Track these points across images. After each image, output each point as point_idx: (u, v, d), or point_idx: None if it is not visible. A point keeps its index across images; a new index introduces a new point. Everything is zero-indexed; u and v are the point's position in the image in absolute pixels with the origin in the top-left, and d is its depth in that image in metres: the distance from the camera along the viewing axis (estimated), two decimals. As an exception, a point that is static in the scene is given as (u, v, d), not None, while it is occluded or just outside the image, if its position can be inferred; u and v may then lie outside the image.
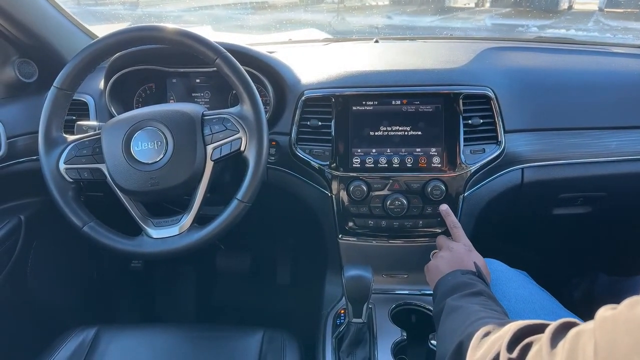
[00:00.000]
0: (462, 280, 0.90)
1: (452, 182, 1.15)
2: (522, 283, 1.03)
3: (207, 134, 1.00)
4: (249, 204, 0.99)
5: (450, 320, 0.79)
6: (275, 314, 1.52)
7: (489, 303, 0.81)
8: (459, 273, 0.94)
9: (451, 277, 0.93)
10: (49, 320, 1.49)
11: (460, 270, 0.95)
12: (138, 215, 1.02)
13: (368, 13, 4.86)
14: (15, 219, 1.33)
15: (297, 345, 1.11)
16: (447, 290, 0.89)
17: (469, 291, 0.85)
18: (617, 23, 4.82)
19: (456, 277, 0.92)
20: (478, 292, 0.84)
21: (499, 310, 0.79)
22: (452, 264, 0.98)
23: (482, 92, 1.16)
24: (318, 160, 1.19)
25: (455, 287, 0.88)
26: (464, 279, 0.90)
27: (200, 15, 4.29)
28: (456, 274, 0.93)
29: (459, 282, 0.90)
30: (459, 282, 0.90)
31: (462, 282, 0.89)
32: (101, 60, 1.04)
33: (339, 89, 1.18)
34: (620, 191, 1.31)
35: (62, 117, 1.03)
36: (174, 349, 1.10)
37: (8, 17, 1.20)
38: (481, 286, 0.87)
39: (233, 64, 1.00)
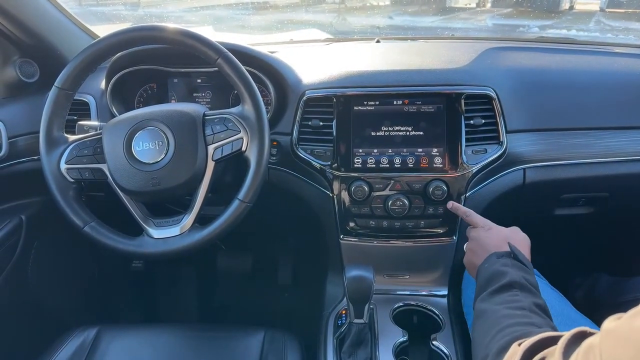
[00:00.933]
0: (494, 270, 0.85)
1: (454, 183, 1.15)
2: None
3: (208, 134, 1.00)
4: (250, 204, 0.99)
5: (477, 330, 0.77)
6: (276, 315, 1.52)
7: (517, 297, 0.77)
8: (494, 257, 0.89)
9: (487, 264, 0.89)
10: (50, 320, 1.49)
11: (496, 254, 0.90)
12: (139, 215, 1.02)
13: (369, 13, 4.86)
14: (16, 218, 1.33)
15: (298, 346, 1.11)
16: (481, 285, 0.86)
17: (498, 285, 0.81)
18: (618, 23, 4.81)
19: (491, 263, 0.88)
20: (508, 285, 0.80)
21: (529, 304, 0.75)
22: (482, 252, 0.93)
23: (483, 92, 1.16)
24: (319, 160, 1.19)
25: (488, 280, 0.84)
26: (496, 268, 0.85)
27: (201, 16, 4.29)
28: (491, 259, 0.89)
29: (491, 273, 0.85)
30: (491, 273, 0.85)
31: (494, 273, 0.85)
32: (102, 60, 1.04)
33: (341, 89, 1.18)
34: (623, 191, 1.31)
35: (63, 117, 1.03)
36: (175, 349, 1.10)
37: (9, 17, 1.20)
38: (513, 274, 0.82)
39: (234, 63, 1.00)
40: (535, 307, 0.74)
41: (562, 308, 0.98)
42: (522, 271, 0.84)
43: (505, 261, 0.86)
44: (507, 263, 0.86)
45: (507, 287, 0.79)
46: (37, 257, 1.43)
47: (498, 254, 0.90)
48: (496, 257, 0.89)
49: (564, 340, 0.50)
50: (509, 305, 0.75)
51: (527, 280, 0.81)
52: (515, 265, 0.85)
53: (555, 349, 0.50)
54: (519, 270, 0.84)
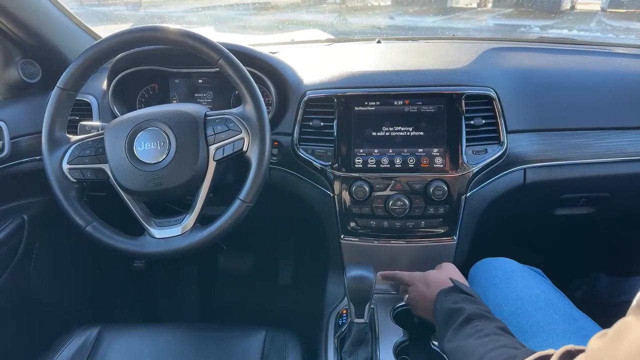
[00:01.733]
0: (447, 309, 0.90)
1: (455, 183, 1.15)
2: (534, 281, 1.03)
3: (209, 134, 1.00)
4: (252, 204, 0.99)
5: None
6: (277, 314, 1.52)
7: (479, 327, 0.81)
8: (442, 295, 0.95)
9: (439, 304, 0.94)
10: (51, 320, 1.49)
11: (442, 291, 0.96)
12: (141, 215, 1.02)
13: (370, 13, 4.86)
14: (18, 218, 1.34)
15: (299, 345, 1.11)
16: (441, 326, 0.90)
17: (457, 322, 0.85)
18: (619, 23, 4.80)
19: (442, 302, 0.93)
20: (467, 319, 0.84)
21: (492, 329, 0.79)
22: (429, 295, 1.00)
23: (484, 92, 1.16)
24: (320, 160, 1.19)
25: (446, 320, 0.89)
26: (449, 306, 0.90)
27: (202, 16, 4.29)
28: (440, 298, 0.95)
29: (446, 313, 0.90)
30: (446, 313, 0.90)
31: (449, 312, 0.89)
32: (104, 60, 1.04)
33: (341, 89, 1.18)
34: (623, 191, 1.31)
35: (65, 118, 1.04)
36: (176, 348, 1.10)
37: (11, 17, 1.21)
38: (467, 308, 0.86)
39: (236, 64, 1.00)
40: (499, 330, 0.79)
41: (565, 307, 0.98)
42: (473, 302, 0.89)
43: (454, 297, 0.92)
44: (456, 300, 0.91)
45: (467, 321, 0.83)
46: (39, 256, 1.43)
47: (444, 291, 0.95)
48: (444, 295, 0.94)
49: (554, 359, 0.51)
50: (475, 336, 0.78)
51: (481, 309, 0.86)
52: (464, 299, 0.90)
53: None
54: (470, 302, 0.89)
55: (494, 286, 1.03)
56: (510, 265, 1.08)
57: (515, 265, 1.08)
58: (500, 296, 1.00)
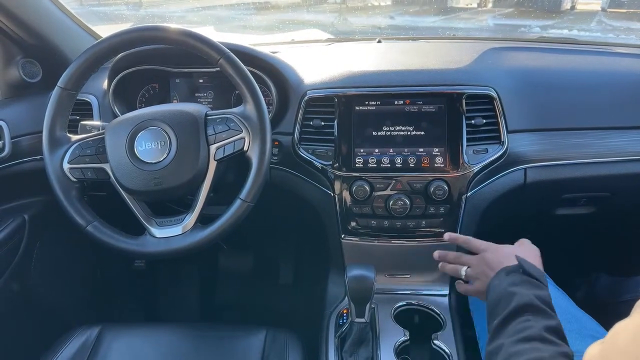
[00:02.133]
0: (502, 292, 0.79)
1: (455, 182, 1.15)
2: None
3: (210, 133, 1.00)
4: (252, 204, 0.99)
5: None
6: (278, 314, 1.52)
7: (528, 324, 0.72)
8: (503, 274, 0.83)
9: (497, 280, 0.84)
10: (52, 319, 1.49)
11: (504, 270, 0.84)
12: (141, 214, 1.02)
13: (370, 13, 4.85)
14: (19, 218, 1.34)
15: (299, 345, 1.11)
16: (491, 309, 0.80)
17: (507, 311, 0.75)
18: (620, 23, 4.80)
19: (500, 280, 0.82)
20: (517, 310, 0.74)
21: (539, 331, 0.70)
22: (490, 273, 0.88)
23: (485, 92, 1.16)
24: (321, 160, 1.19)
25: (497, 303, 0.79)
26: (504, 289, 0.79)
27: (203, 16, 4.29)
28: (500, 276, 0.84)
29: (499, 294, 0.80)
30: (499, 294, 0.80)
31: (502, 295, 0.79)
32: (105, 60, 1.04)
33: (342, 89, 1.18)
34: (624, 191, 1.31)
35: (66, 117, 1.04)
36: (177, 348, 1.10)
37: (12, 17, 1.21)
38: (522, 295, 0.76)
39: (236, 64, 1.00)
40: (547, 333, 0.70)
41: (567, 307, 0.99)
42: (533, 287, 0.78)
43: (514, 278, 0.81)
44: (515, 281, 0.80)
45: (518, 313, 0.74)
46: (40, 256, 1.43)
47: (507, 269, 0.84)
48: (505, 274, 0.83)
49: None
50: (518, 337, 0.70)
51: (539, 298, 0.76)
52: (525, 281, 0.79)
53: None
54: (530, 287, 0.78)
55: None
56: None
57: None
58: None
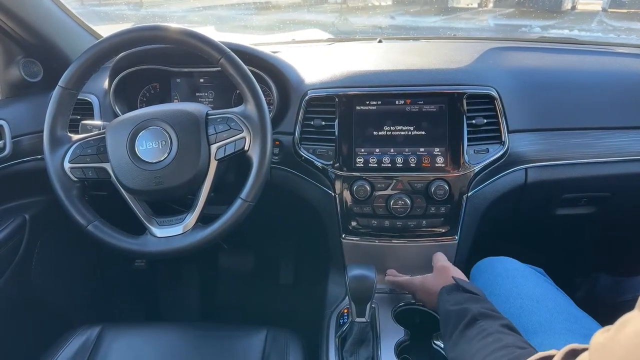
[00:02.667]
0: (451, 311, 0.88)
1: (456, 182, 1.15)
2: (537, 281, 1.03)
3: (211, 133, 1.00)
4: (253, 204, 0.99)
5: None
6: (278, 314, 1.52)
7: (483, 326, 0.79)
8: (445, 294, 0.94)
9: (441, 302, 0.94)
10: (53, 319, 1.49)
11: (445, 289, 0.95)
12: (142, 214, 1.02)
13: (371, 13, 4.86)
14: (19, 217, 1.34)
15: (300, 345, 1.11)
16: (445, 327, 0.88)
17: (462, 325, 0.82)
18: (620, 23, 4.80)
19: (444, 301, 0.92)
20: (471, 321, 0.82)
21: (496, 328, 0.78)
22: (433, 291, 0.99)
23: (485, 92, 1.16)
24: (321, 159, 1.19)
25: (448, 322, 0.87)
26: (452, 309, 0.88)
27: (204, 16, 4.29)
28: (443, 297, 0.94)
29: (448, 314, 0.88)
30: (448, 314, 0.88)
31: (452, 314, 0.87)
32: (106, 59, 1.04)
33: (343, 88, 1.18)
34: (625, 191, 1.31)
35: (67, 117, 1.04)
36: (178, 347, 1.10)
37: (13, 17, 1.21)
38: (471, 309, 0.84)
39: (237, 63, 1.00)
40: (504, 328, 0.77)
41: (567, 306, 0.99)
42: (476, 301, 0.87)
43: (457, 298, 0.90)
44: (459, 300, 0.89)
45: (471, 323, 0.81)
46: (41, 255, 1.43)
47: (446, 288, 0.95)
48: (447, 294, 0.93)
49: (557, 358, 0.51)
50: (479, 337, 0.77)
51: (485, 307, 0.84)
52: (468, 298, 0.88)
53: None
54: (474, 301, 0.87)
55: (496, 285, 1.04)
56: (512, 264, 1.09)
57: (517, 265, 1.08)
58: (501, 295, 1.00)
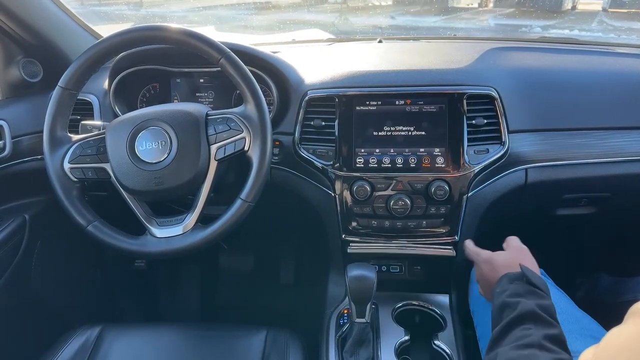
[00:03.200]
0: (504, 301, 0.81)
1: (456, 183, 1.15)
2: None
3: (211, 133, 1.00)
4: (253, 204, 0.99)
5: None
6: (278, 314, 1.52)
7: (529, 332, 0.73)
8: (506, 281, 0.85)
9: (499, 288, 0.86)
10: (53, 319, 1.49)
11: (507, 277, 0.86)
12: (142, 214, 1.02)
13: (371, 13, 4.86)
14: (19, 218, 1.34)
15: (300, 345, 1.11)
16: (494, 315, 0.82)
17: (509, 318, 0.77)
18: (621, 23, 4.79)
19: (503, 288, 0.84)
20: (519, 318, 0.76)
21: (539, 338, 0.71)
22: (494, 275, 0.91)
23: (486, 92, 1.16)
24: (321, 160, 1.19)
25: (501, 310, 0.80)
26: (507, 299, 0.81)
27: (204, 16, 4.29)
28: (503, 283, 0.86)
29: (502, 303, 0.81)
30: (502, 303, 0.81)
31: (505, 304, 0.80)
32: (106, 60, 1.04)
33: (343, 89, 1.18)
34: (625, 192, 1.31)
35: (66, 117, 1.04)
36: (178, 347, 1.10)
37: (13, 17, 1.21)
38: (524, 304, 0.77)
39: (237, 63, 1.00)
40: (546, 341, 0.71)
41: (567, 307, 0.99)
42: (535, 297, 0.80)
43: (517, 288, 0.82)
44: (518, 291, 0.82)
45: (519, 321, 0.75)
46: (41, 256, 1.43)
47: (510, 276, 0.86)
48: (508, 281, 0.85)
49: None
50: (516, 344, 0.71)
51: (541, 307, 0.77)
52: (528, 291, 0.81)
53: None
54: (532, 297, 0.79)
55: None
56: None
57: None
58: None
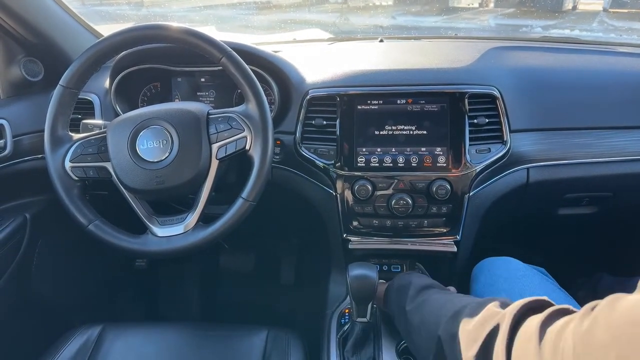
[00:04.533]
0: (399, 284, 0.92)
1: (457, 182, 1.15)
2: (538, 281, 1.03)
3: (212, 132, 1.00)
4: (254, 203, 0.99)
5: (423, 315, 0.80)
6: (279, 313, 1.52)
7: (442, 290, 0.84)
8: (397, 278, 0.98)
9: (395, 279, 0.98)
10: (53, 318, 1.49)
11: (395, 278, 1.00)
12: (143, 213, 1.02)
13: (372, 13, 4.85)
14: (20, 217, 1.34)
15: (301, 345, 1.11)
16: (394, 294, 0.92)
17: (413, 289, 0.87)
18: (621, 23, 4.79)
19: (399, 278, 0.97)
20: (424, 287, 0.86)
21: (454, 292, 0.84)
22: None
23: (487, 91, 1.16)
24: (323, 159, 1.19)
25: (400, 288, 0.91)
26: (404, 280, 0.92)
27: (205, 15, 4.29)
28: (398, 277, 0.99)
29: (402, 283, 0.92)
30: (402, 283, 0.92)
31: (401, 286, 0.91)
32: (107, 59, 1.04)
33: (344, 88, 1.18)
34: (627, 191, 1.30)
35: (67, 116, 1.04)
36: (178, 347, 1.10)
37: (14, 16, 1.21)
38: (421, 280, 0.89)
39: (238, 62, 1.00)
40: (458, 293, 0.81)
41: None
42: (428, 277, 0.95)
43: (410, 273, 0.97)
44: (412, 274, 0.96)
45: (424, 288, 0.86)
46: (41, 255, 1.43)
47: (396, 277, 1.01)
48: (397, 279, 0.99)
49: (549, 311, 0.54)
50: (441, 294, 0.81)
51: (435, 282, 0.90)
52: (416, 275, 0.95)
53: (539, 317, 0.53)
54: (418, 277, 0.93)
55: (497, 285, 1.03)
56: (513, 264, 1.08)
57: (519, 265, 1.08)
58: (503, 295, 1.00)
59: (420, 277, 0.93)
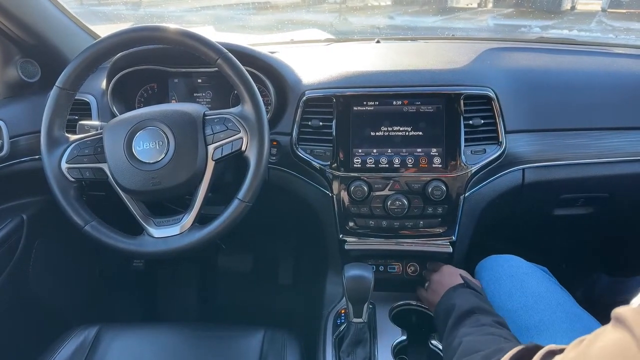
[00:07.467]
0: (451, 304, 0.96)
1: (453, 183, 1.15)
2: (541, 279, 1.04)
3: (208, 133, 1.00)
4: (250, 204, 0.99)
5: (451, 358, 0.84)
6: (276, 314, 1.52)
7: (478, 318, 0.86)
8: (451, 291, 1.01)
9: (445, 298, 1.01)
10: (50, 319, 1.49)
11: (452, 288, 1.02)
12: (139, 214, 1.02)
13: (370, 13, 4.86)
14: (17, 218, 1.34)
15: (297, 345, 1.11)
16: (441, 319, 0.97)
17: (460, 312, 0.91)
18: (619, 24, 4.80)
19: (449, 297, 1.00)
20: (468, 312, 0.89)
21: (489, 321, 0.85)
22: (442, 285, 1.07)
23: (483, 92, 1.16)
24: (319, 160, 1.19)
25: (447, 312, 0.95)
26: (453, 301, 0.96)
27: (202, 16, 4.29)
28: (449, 293, 1.02)
29: (449, 305, 0.96)
30: (449, 305, 0.96)
31: (451, 305, 0.95)
32: (103, 60, 1.04)
33: (340, 89, 1.19)
34: (622, 192, 1.31)
35: (64, 117, 1.04)
36: (175, 347, 1.10)
37: (11, 17, 1.21)
38: (470, 302, 0.93)
39: (234, 64, 1.00)
40: (496, 323, 0.85)
41: (570, 306, 0.99)
42: (477, 297, 0.97)
43: (461, 291, 1.00)
44: (462, 292, 0.99)
45: (468, 313, 0.89)
46: (38, 256, 1.43)
47: (453, 287, 1.03)
48: (452, 290, 1.02)
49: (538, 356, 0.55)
50: (470, 326, 0.85)
51: (483, 301, 0.94)
52: (470, 293, 0.98)
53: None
54: (474, 296, 0.97)
55: (500, 282, 1.04)
56: (517, 262, 1.09)
57: (522, 263, 1.09)
58: (505, 292, 1.01)
59: (463, 299, 0.96)
